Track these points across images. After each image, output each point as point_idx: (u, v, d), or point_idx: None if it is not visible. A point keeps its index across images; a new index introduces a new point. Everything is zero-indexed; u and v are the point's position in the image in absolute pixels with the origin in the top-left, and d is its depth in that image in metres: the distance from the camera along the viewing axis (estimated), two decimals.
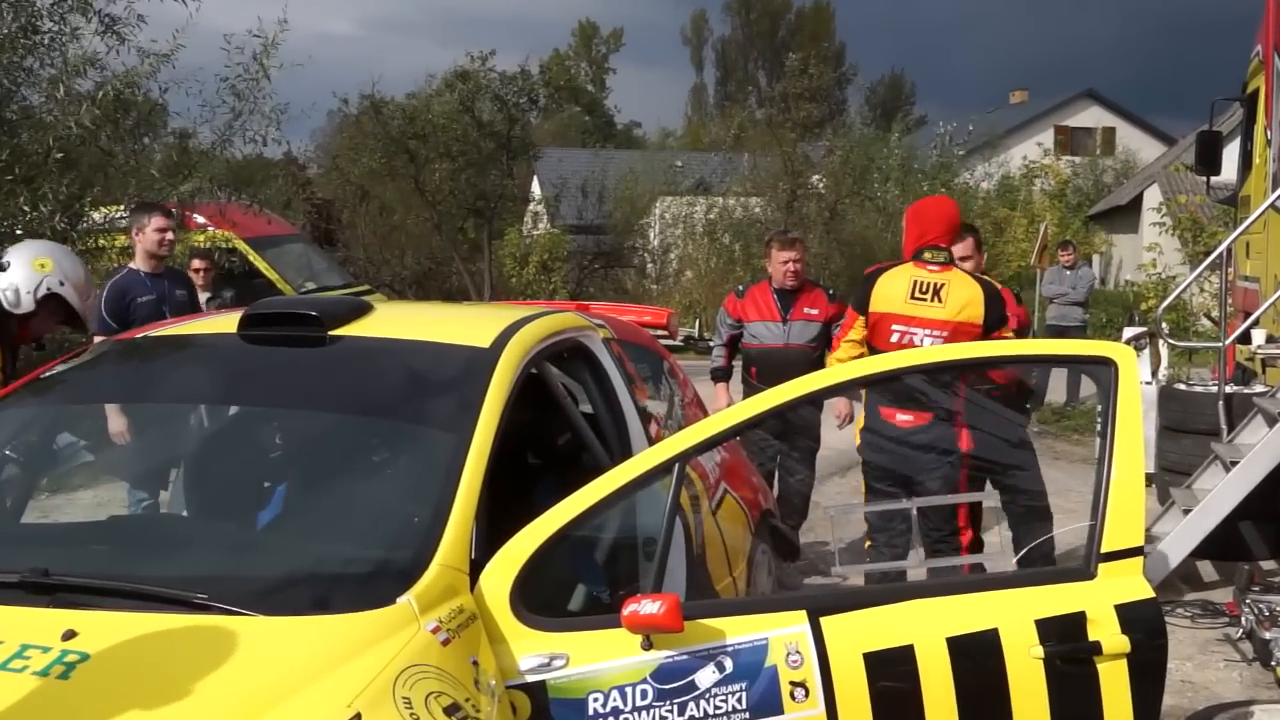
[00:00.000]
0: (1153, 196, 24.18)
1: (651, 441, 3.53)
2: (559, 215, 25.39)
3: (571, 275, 23.09)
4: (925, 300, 4.52)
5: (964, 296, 4.52)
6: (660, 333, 5.04)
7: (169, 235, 5.37)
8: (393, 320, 3.47)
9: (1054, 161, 30.63)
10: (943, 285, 4.55)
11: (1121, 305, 21.52)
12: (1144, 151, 34.65)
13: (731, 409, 2.74)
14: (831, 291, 6.01)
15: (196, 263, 7.97)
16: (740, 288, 6.17)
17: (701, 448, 2.70)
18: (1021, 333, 4.91)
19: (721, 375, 6.11)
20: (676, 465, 2.61)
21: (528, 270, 21.83)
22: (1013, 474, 4.96)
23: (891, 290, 4.61)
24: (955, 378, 3.74)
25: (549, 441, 3.93)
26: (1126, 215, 27.16)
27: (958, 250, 5.03)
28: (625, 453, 3.37)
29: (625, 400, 3.61)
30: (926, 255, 4.63)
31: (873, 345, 4.63)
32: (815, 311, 5.82)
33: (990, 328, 4.51)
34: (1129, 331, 8.62)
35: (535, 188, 29.14)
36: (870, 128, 27.80)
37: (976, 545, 4.59)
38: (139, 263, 5.42)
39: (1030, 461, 5.04)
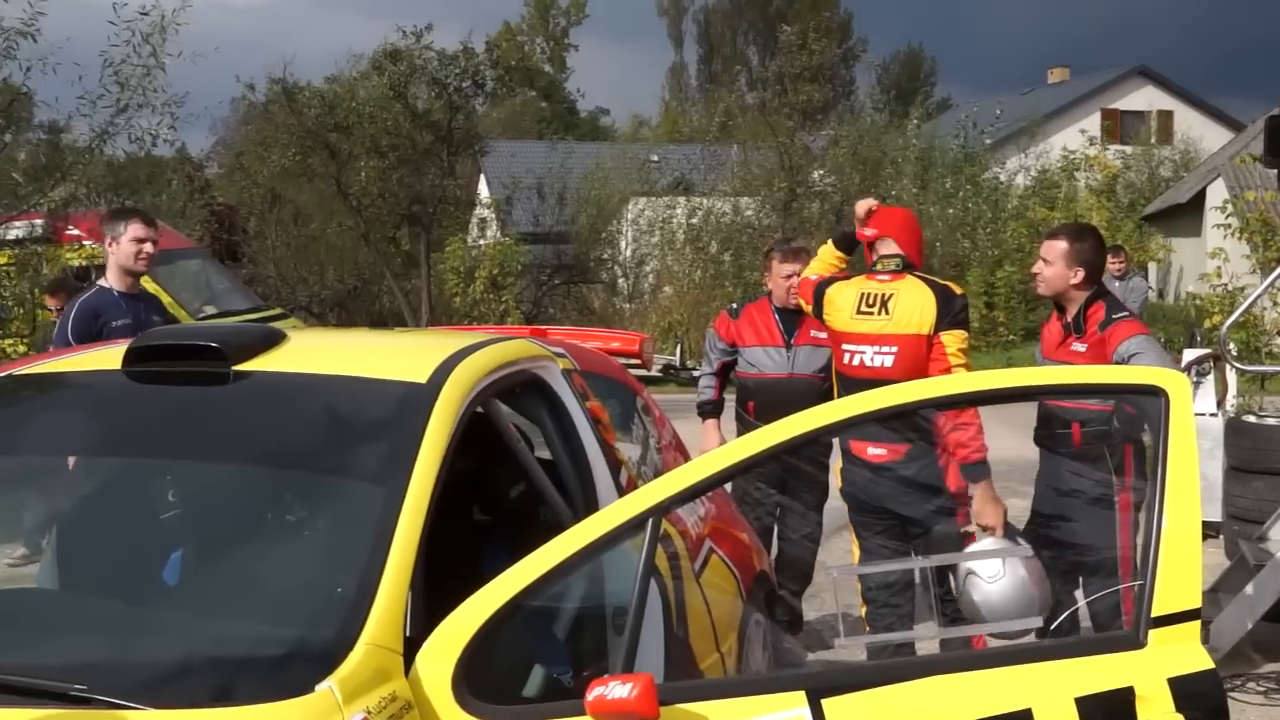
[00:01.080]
0: (1217, 193, 24.45)
1: (622, 492, 3.56)
2: (511, 221, 25.48)
3: (527, 293, 23.15)
4: (871, 314, 4.73)
5: (914, 304, 4.70)
6: (632, 362, 5.09)
7: (148, 247, 5.37)
8: (310, 351, 3.48)
9: (1100, 152, 31.02)
10: (890, 296, 4.76)
11: (1182, 322, 21.72)
12: (1207, 140, 35.05)
13: (719, 451, 2.75)
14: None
15: (50, 300, 7.69)
16: (734, 306, 6.13)
17: (681, 499, 2.71)
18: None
19: (711, 410, 6.06)
20: (650, 521, 2.62)
21: (474, 288, 21.89)
22: (1056, 525, 5.00)
23: (840, 303, 4.84)
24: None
25: (499, 494, 3.97)
26: (1187, 215, 27.42)
27: (1044, 254, 5.05)
28: (590, 506, 3.40)
29: (590, 443, 3.64)
30: (878, 265, 4.87)
31: (835, 365, 4.86)
32: (825, 335, 5.66)
33: (938, 331, 4.74)
34: (1190, 354, 8.66)
35: (482, 189, 29.20)
36: (883, 113, 28.11)
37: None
38: (111, 279, 5.43)
39: (1085, 513, 5.07)
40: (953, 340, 4.69)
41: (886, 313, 4.70)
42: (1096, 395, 3.99)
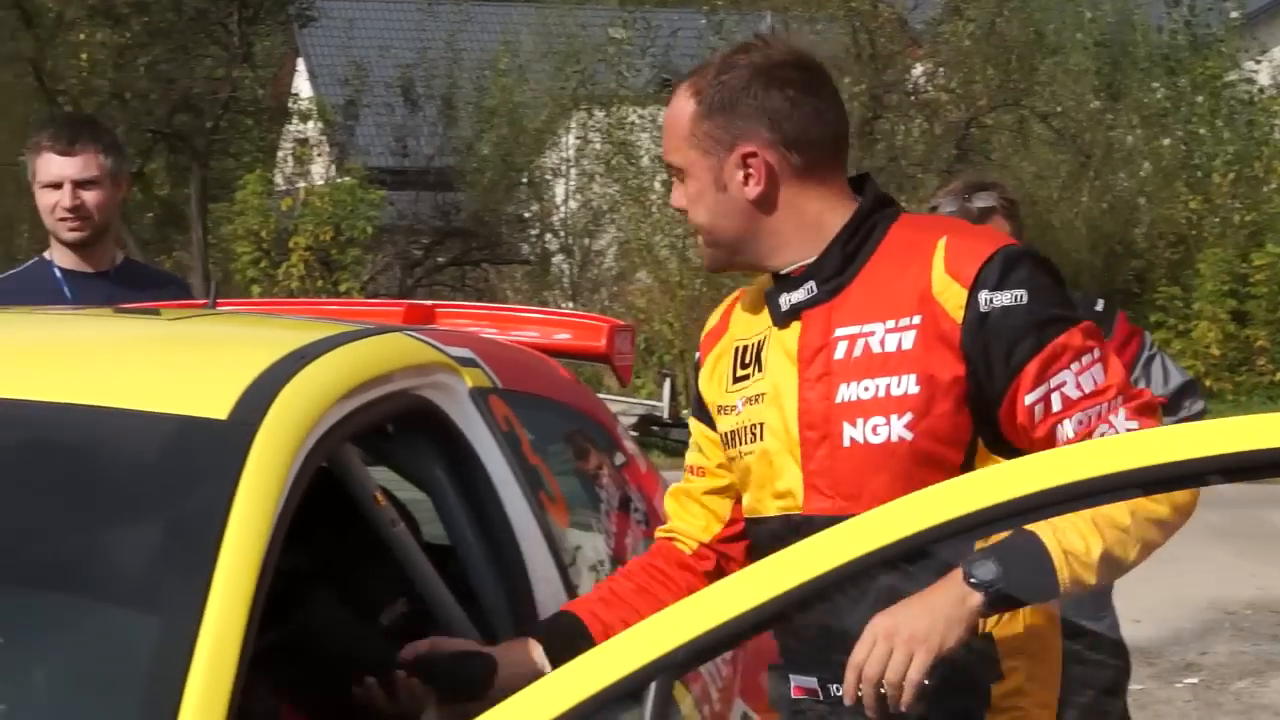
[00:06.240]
0: None
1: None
2: (356, 148, 25.51)
3: (386, 279, 23.20)
4: None
5: None
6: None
7: (88, 196, 5.68)
8: (10, 355, 3.55)
9: None
10: None
11: None
12: None
13: (801, 548, 2.74)
14: (1100, 305, 6.06)
15: None
16: None
17: (722, 643, 2.72)
18: None
19: None
20: (657, 684, 2.61)
21: (287, 267, 21.92)
22: None
23: None
24: None
25: (360, 615, 3.95)
26: None
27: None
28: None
29: (525, 525, 3.72)
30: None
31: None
32: None
33: None
34: None
35: (303, 87, 29.26)
36: None
37: None
38: (53, 249, 5.89)
39: None
40: None
41: None
42: None
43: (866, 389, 3.50)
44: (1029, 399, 3.42)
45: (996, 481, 2.78)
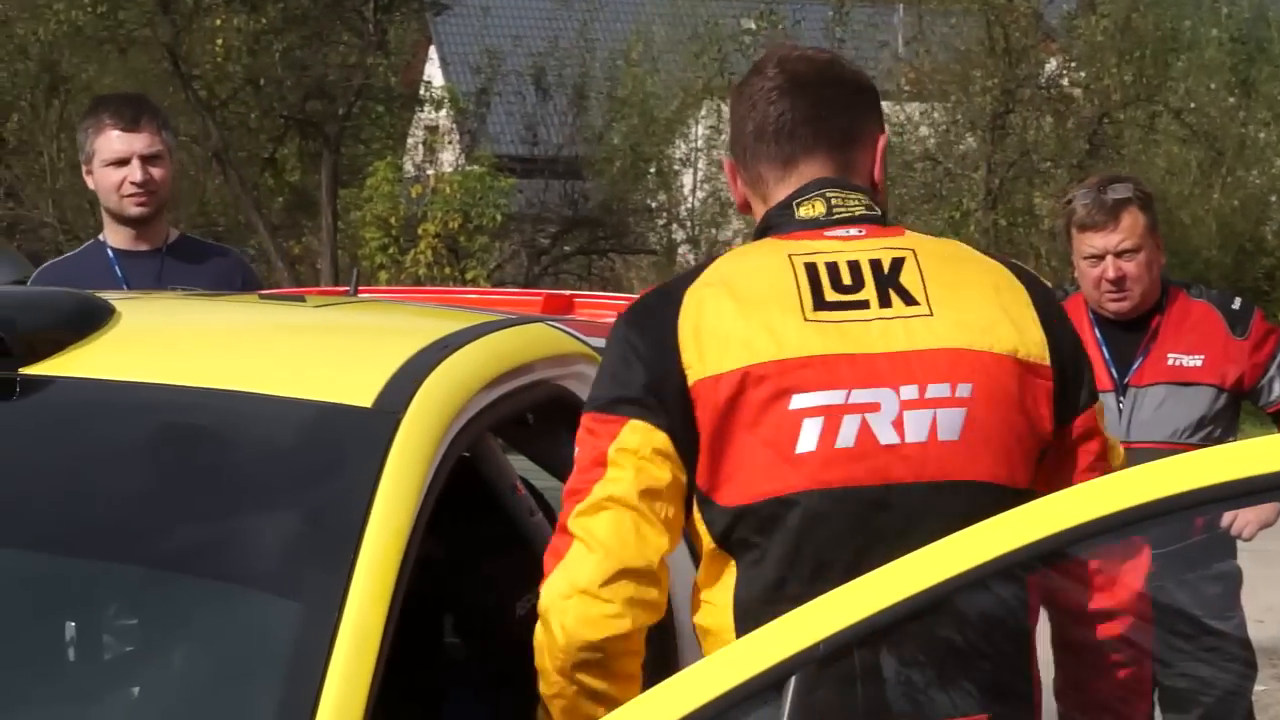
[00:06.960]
0: None
1: None
2: (486, 135, 25.50)
3: (513, 267, 23.16)
4: (863, 309, 3.59)
5: (985, 283, 3.60)
6: None
7: (155, 171, 5.74)
8: (159, 341, 3.55)
9: None
10: (902, 261, 3.64)
11: None
12: None
13: (922, 553, 2.67)
14: (1237, 303, 6.11)
15: None
16: None
17: (856, 640, 2.67)
18: None
19: None
20: (795, 680, 2.58)
21: (416, 254, 21.93)
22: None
23: (756, 302, 3.53)
24: None
25: (491, 603, 3.98)
26: None
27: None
28: (666, 636, 3.45)
29: None
30: (807, 209, 3.63)
31: (730, 462, 3.63)
32: (1197, 360, 5.97)
33: (1071, 379, 3.76)
34: None
35: (434, 74, 29.27)
36: None
37: None
38: (107, 230, 5.91)
39: None
40: (1102, 413, 3.94)
41: (915, 298, 3.60)
42: None
43: None
44: None
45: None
